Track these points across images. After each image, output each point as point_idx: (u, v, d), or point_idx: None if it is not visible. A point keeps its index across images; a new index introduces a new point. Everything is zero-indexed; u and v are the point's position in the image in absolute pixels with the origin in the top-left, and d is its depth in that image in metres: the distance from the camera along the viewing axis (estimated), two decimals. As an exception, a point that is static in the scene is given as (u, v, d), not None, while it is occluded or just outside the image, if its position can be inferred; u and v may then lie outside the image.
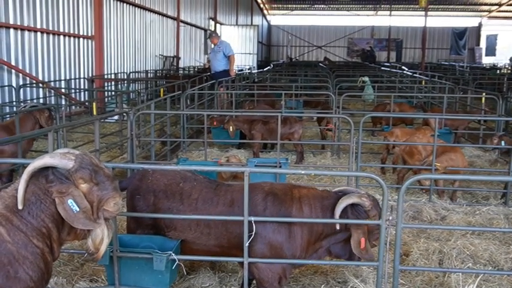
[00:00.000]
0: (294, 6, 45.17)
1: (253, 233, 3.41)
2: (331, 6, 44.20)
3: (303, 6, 44.96)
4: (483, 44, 43.02)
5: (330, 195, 3.65)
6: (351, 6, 43.95)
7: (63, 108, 9.80)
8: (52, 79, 12.36)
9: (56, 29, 12.39)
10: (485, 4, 41.89)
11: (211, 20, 27.83)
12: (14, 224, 2.45)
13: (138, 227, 3.86)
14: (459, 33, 41.22)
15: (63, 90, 12.53)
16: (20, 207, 2.47)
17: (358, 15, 45.39)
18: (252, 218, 3.39)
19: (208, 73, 14.89)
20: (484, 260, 4.51)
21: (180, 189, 3.71)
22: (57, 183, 2.52)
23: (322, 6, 44.40)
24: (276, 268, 3.51)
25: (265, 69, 23.78)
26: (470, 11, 43.86)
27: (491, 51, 40.97)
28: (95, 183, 2.59)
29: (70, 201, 2.52)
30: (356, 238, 3.45)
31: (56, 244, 2.62)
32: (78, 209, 2.53)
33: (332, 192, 3.71)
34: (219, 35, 13.96)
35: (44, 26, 11.90)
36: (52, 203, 2.54)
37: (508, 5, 40.48)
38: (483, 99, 10.01)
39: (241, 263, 3.57)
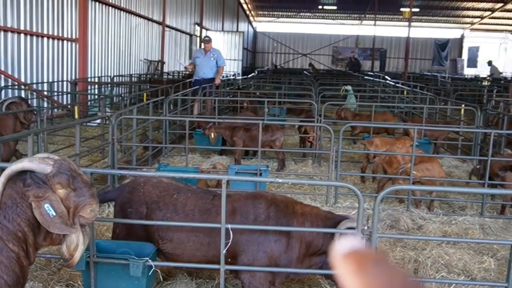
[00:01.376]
0: (280, 13, 45.43)
1: (230, 240, 3.44)
2: (317, 14, 44.57)
3: (289, 14, 45.24)
4: (465, 55, 43.72)
5: (333, 216, 3.72)
6: (336, 15, 44.37)
7: (45, 110, 9.73)
8: (34, 81, 12.25)
9: (39, 31, 12.30)
10: (468, 16, 42.63)
11: (197, 26, 27.86)
12: None
13: (128, 239, 3.80)
14: (441, 45, 41.87)
15: (45, 93, 12.44)
16: None
17: (343, 24, 45.81)
18: (229, 226, 3.42)
19: (191, 79, 14.31)
20: (458, 270, 4.60)
21: (174, 200, 3.67)
22: (34, 187, 2.53)
23: (308, 14, 44.73)
24: (268, 276, 3.55)
25: (249, 76, 23.86)
26: (453, 22, 44.59)
27: (472, 62, 41.66)
28: (72, 189, 2.60)
29: (47, 206, 2.53)
30: None
31: (32, 248, 2.61)
32: (54, 214, 2.54)
33: (335, 214, 3.79)
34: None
35: (28, 28, 11.81)
36: (28, 207, 2.54)
37: (489, 18, 41.26)
38: (462, 110, 10.19)
39: (234, 271, 3.60)
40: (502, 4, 36.55)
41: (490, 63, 26.79)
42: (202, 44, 12.95)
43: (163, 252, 3.70)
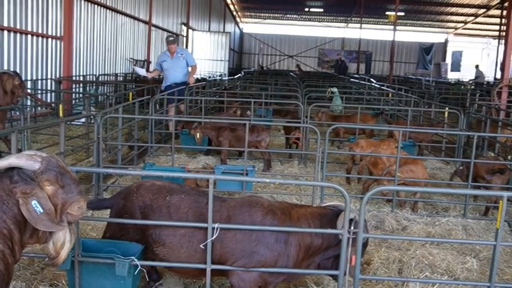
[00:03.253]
0: (267, 15, 45.50)
1: (214, 237, 3.42)
2: (304, 16, 44.76)
3: (276, 15, 45.34)
4: (449, 59, 44.26)
5: (327, 212, 3.69)
6: (323, 17, 44.61)
7: (28, 109, 9.60)
8: (18, 79, 12.08)
9: (23, 28, 12.15)
10: (452, 21, 43.20)
11: (183, 25, 27.77)
12: None
13: None
14: (426, 49, 42.33)
15: (29, 91, 12.27)
16: None
17: (330, 26, 46.09)
18: (216, 225, 3.41)
19: (156, 84, 13.11)
20: (441, 270, 4.65)
21: (167, 203, 3.60)
22: (21, 183, 2.51)
23: (295, 16, 44.90)
24: (259, 281, 3.52)
25: (236, 77, 23.85)
26: (437, 27, 45.15)
27: (456, 67, 42.18)
28: (60, 185, 2.59)
29: (34, 203, 2.52)
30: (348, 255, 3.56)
31: (18, 246, 2.59)
32: (42, 211, 2.53)
33: (327, 208, 3.76)
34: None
35: (12, 25, 11.65)
36: (15, 205, 2.52)
37: (473, 23, 41.85)
38: (446, 113, 10.32)
39: (226, 274, 3.57)
40: (484, 10, 37.11)
41: (477, 67, 27.26)
42: (166, 45, 11.33)
43: (159, 257, 3.63)
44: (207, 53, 30.47)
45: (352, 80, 24.56)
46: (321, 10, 40.71)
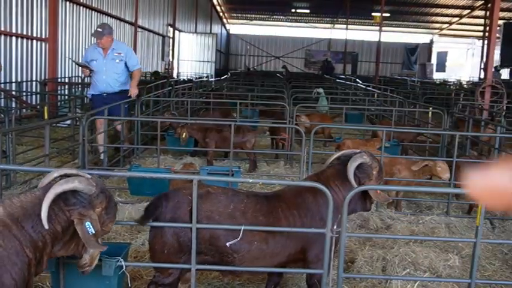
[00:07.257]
0: (254, 16, 45.61)
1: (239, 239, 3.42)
2: (290, 18, 44.94)
3: (262, 16, 45.46)
4: (434, 60, 44.71)
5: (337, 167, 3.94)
6: (309, 18, 44.85)
7: (13, 111, 9.54)
8: (2, 81, 12.00)
9: (8, 30, 12.07)
10: (437, 22, 43.68)
11: (169, 27, 27.73)
12: (12, 232, 2.53)
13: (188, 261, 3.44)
14: (411, 49, 42.73)
15: (13, 93, 12.19)
16: (46, 227, 2.58)
17: (316, 27, 46.34)
18: (199, 226, 3.42)
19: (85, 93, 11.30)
20: (424, 267, 4.71)
21: (232, 212, 3.45)
22: (79, 206, 2.71)
23: (281, 17, 45.07)
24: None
25: (222, 78, 23.87)
26: (423, 28, 45.63)
27: (441, 67, 42.60)
28: (106, 207, 2.84)
29: (88, 224, 2.72)
30: None
31: (47, 257, 2.74)
32: (93, 231, 2.74)
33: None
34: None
35: (-5, 26, 11.58)
36: (59, 223, 2.68)
37: (457, 24, 42.35)
38: (430, 113, 10.44)
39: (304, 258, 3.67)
40: (469, 11, 37.60)
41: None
42: (94, 39, 8.02)
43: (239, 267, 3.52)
44: (193, 54, 30.48)
45: (338, 80, 24.70)
46: (308, 11, 40.93)
